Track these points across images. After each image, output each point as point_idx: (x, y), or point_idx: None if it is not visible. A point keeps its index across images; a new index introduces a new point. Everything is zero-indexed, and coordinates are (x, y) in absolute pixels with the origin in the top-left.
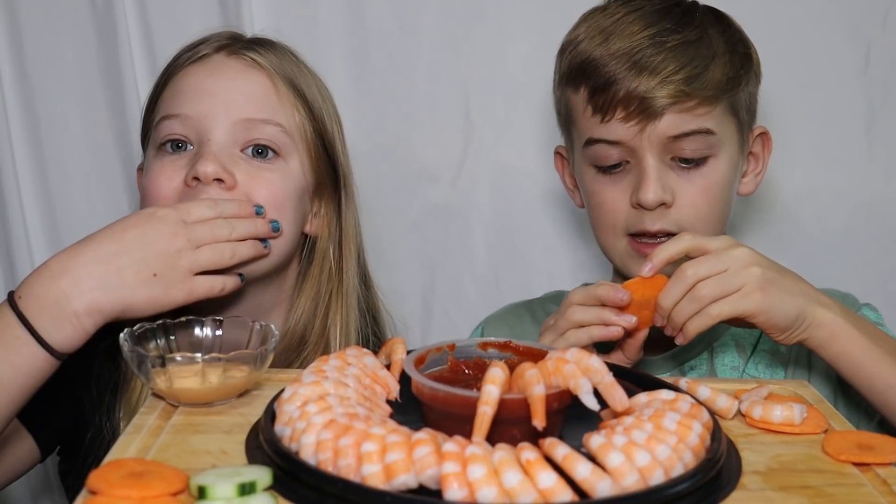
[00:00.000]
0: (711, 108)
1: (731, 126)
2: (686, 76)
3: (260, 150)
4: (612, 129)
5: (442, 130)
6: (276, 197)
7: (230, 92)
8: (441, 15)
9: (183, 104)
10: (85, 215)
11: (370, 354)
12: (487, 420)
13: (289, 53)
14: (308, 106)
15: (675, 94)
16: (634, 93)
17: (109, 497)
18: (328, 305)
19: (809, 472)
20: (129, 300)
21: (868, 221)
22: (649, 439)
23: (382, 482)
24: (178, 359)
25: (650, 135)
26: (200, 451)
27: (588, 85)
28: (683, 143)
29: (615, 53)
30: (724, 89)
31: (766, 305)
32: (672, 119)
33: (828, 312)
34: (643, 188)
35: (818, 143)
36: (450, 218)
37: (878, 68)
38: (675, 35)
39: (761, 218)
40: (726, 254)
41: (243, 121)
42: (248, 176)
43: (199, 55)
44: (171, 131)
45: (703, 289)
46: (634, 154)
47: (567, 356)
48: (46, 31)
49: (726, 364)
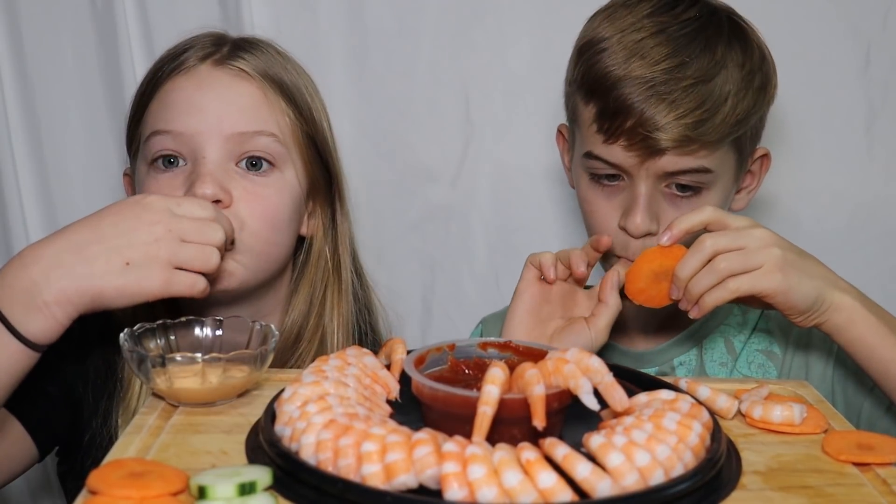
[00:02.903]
0: (712, 151)
1: (730, 160)
2: (694, 121)
3: (254, 161)
4: (612, 152)
5: (442, 130)
6: (272, 214)
7: (221, 106)
8: (441, 15)
9: (173, 120)
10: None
11: (370, 354)
12: (487, 420)
13: (273, 52)
14: (298, 109)
15: (679, 138)
16: (640, 128)
17: (109, 497)
18: (323, 302)
19: (809, 472)
20: (98, 289)
21: (868, 221)
22: (649, 439)
23: (382, 482)
24: (178, 359)
25: (648, 167)
26: (200, 451)
27: (598, 104)
28: (679, 178)
29: (632, 80)
30: (730, 133)
31: (786, 286)
32: (672, 158)
33: (846, 297)
34: (631, 215)
35: (818, 143)
36: (450, 218)
37: (878, 68)
38: (694, 68)
39: (761, 218)
40: (747, 232)
41: (236, 135)
42: (245, 192)
43: (185, 67)
44: (163, 147)
45: (721, 262)
46: (631, 178)
47: (567, 356)
48: (46, 31)
49: (715, 360)
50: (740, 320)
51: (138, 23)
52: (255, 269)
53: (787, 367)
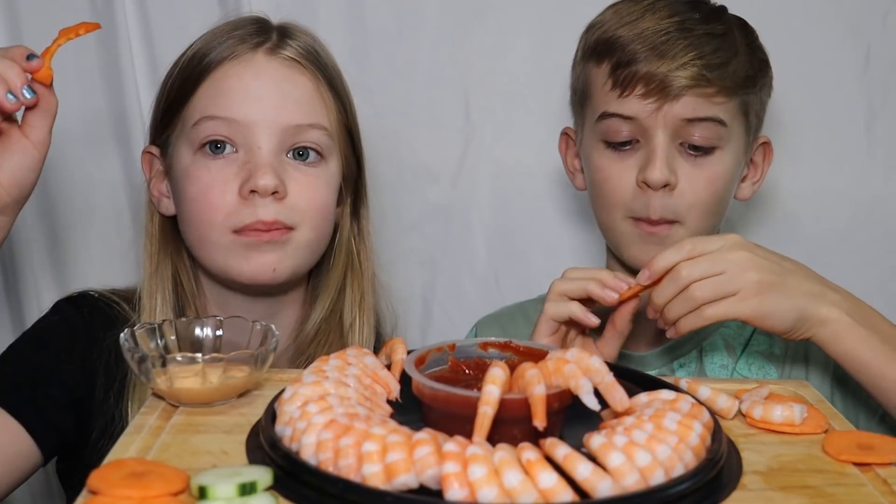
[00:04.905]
0: (727, 99)
1: (740, 124)
2: (708, 63)
3: (301, 152)
4: (628, 104)
5: (442, 130)
6: (322, 205)
7: (278, 97)
8: (441, 15)
9: (228, 106)
10: (85, 215)
11: (370, 354)
12: (488, 420)
13: (317, 42)
14: (342, 101)
15: (696, 77)
16: (656, 71)
17: (110, 497)
18: (344, 290)
19: (810, 472)
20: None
21: (868, 221)
22: (650, 439)
23: (383, 482)
24: (178, 359)
25: (665, 114)
26: (201, 451)
27: (612, 59)
28: (695, 129)
29: (642, 33)
30: (742, 85)
31: (762, 311)
32: (689, 102)
33: (833, 310)
34: (650, 167)
35: (818, 143)
36: (450, 218)
37: (878, 68)
38: (702, 25)
39: (761, 218)
40: (724, 257)
41: (292, 127)
42: (297, 184)
43: (237, 53)
44: (216, 132)
45: (696, 290)
46: (646, 133)
47: (568, 356)
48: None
49: (715, 363)
50: (740, 323)
51: (138, 23)
52: (308, 260)
53: (788, 369)
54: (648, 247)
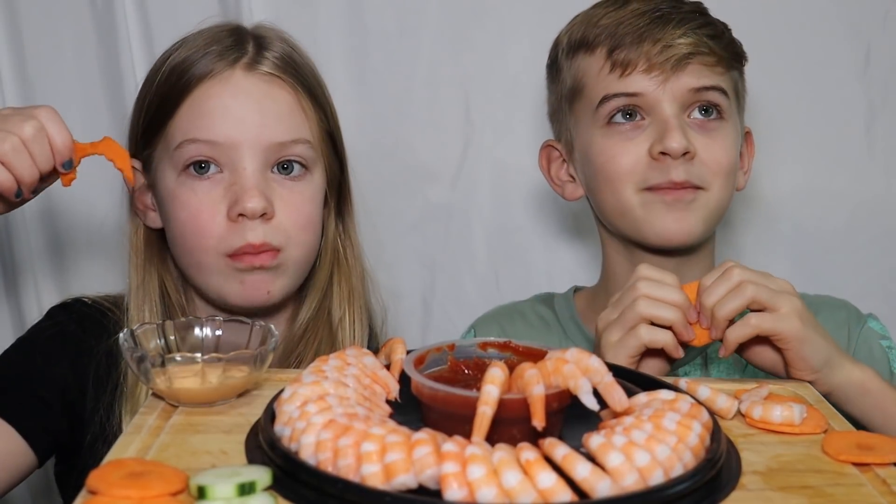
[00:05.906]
0: (725, 71)
1: (735, 102)
2: (705, 33)
3: (286, 165)
4: (632, 82)
5: (442, 130)
6: (307, 222)
7: (258, 115)
8: (441, 15)
9: (210, 128)
10: (84, 215)
11: (370, 354)
12: (487, 420)
13: (293, 49)
14: (322, 109)
15: (699, 44)
16: (658, 43)
17: (109, 497)
18: (332, 287)
19: (809, 472)
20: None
21: (868, 221)
22: (649, 439)
23: (382, 482)
24: (177, 359)
25: (672, 86)
26: (200, 451)
27: (608, 42)
28: (702, 97)
29: (635, 12)
30: (735, 58)
31: (803, 335)
32: (695, 70)
33: (856, 367)
34: (668, 136)
35: (818, 143)
36: (450, 218)
37: (878, 68)
38: (686, 5)
39: (761, 218)
40: (771, 276)
41: (275, 144)
42: (283, 202)
43: (215, 72)
44: (199, 154)
45: (749, 286)
46: (653, 109)
47: (567, 356)
48: (46, 31)
49: (722, 372)
50: None
51: (138, 23)
52: (301, 276)
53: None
54: (674, 213)
